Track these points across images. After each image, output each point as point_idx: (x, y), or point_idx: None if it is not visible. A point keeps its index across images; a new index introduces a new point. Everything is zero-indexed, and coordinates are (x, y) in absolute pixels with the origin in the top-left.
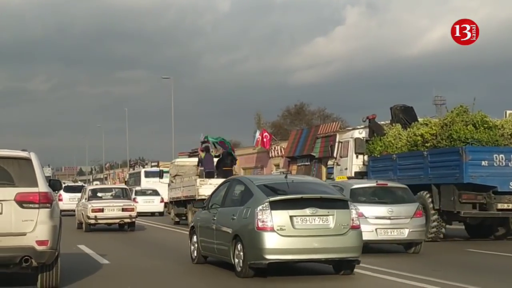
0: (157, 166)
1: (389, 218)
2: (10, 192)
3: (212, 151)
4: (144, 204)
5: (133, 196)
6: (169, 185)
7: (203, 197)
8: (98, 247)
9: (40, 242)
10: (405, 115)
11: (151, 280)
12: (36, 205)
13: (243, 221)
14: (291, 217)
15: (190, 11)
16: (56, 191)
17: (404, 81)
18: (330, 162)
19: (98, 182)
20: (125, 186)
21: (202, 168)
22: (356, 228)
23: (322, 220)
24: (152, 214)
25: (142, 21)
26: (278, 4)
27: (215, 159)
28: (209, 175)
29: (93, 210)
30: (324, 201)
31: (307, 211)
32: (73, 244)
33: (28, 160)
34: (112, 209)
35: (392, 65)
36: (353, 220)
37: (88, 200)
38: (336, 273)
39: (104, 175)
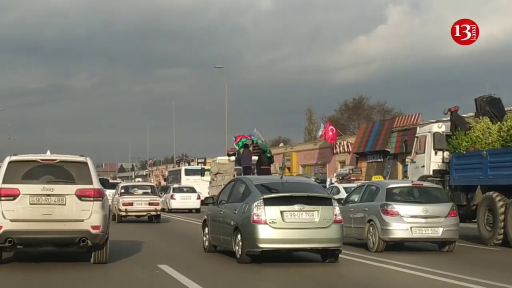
0: (204, 163)
1: (424, 217)
2: (72, 188)
3: (250, 147)
4: (181, 200)
5: (170, 193)
6: (210, 183)
7: None
8: (127, 235)
9: (94, 227)
10: (491, 108)
11: (168, 263)
12: (91, 198)
13: (242, 215)
14: (282, 212)
15: (232, 10)
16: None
17: (448, 80)
18: (407, 159)
19: (140, 179)
20: (153, 184)
21: (240, 167)
22: (338, 222)
23: (309, 215)
24: (190, 210)
25: (185, 19)
26: (319, 3)
27: (254, 158)
28: (247, 171)
29: (124, 204)
30: (311, 199)
31: (296, 207)
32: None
33: (85, 163)
34: (140, 203)
35: (435, 64)
36: (336, 215)
37: (120, 195)
38: (323, 261)
39: (146, 171)
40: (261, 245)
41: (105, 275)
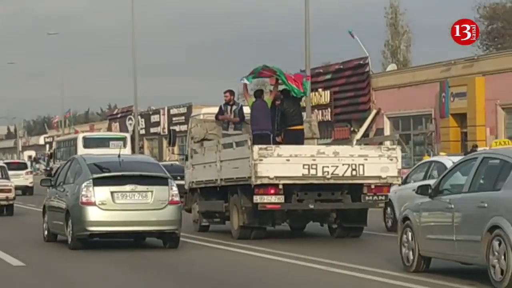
0: (187, 112)
1: None
2: None
3: (266, 96)
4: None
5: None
6: (186, 158)
7: (266, 181)
8: None
9: None
10: None
11: None
12: None
13: (72, 197)
14: (112, 192)
15: None
16: None
17: None
18: None
19: (33, 154)
20: (2, 164)
21: (236, 130)
22: (175, 203)
23: (142, 196)
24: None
25: None
26: None
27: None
28: (262, 140)
29: None
30: (145, 179)
31: (127, 187)
32: None
33: None
34: None
35: None
36: (172, 196)
37: None
38: (164, 247)
39: (47, 138)
40: (90, 228)
41: None
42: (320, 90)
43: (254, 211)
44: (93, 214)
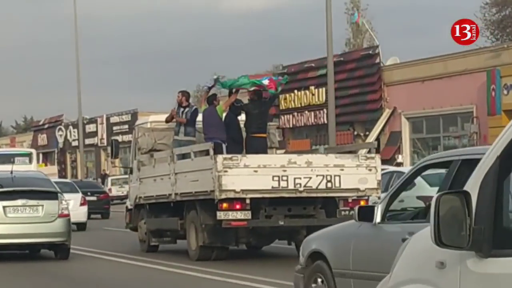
0: (131, 120)
1: None
2: None
3: (217, 104)
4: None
5: None
6: (130, 172)
7: (231, 195)
8: None
9: None
10: None
11: None
12: None
13: None
14: (4, 207)
15: None
16: None
17: None
18: None
19: None
20: None
21: (187, 136)
22: (64, 216)
23: (33, 209)
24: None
25: None
26: None
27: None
28: (217, 148)
29: None
30: (36, 193)
31: (19, 202)
32: None
33: None
34: None
35: None
36: (62, 209)
37: None
38: (56, 257)
39: None
40: None
41: None
42: (312, 88)
43: (217, 229)
44: None
